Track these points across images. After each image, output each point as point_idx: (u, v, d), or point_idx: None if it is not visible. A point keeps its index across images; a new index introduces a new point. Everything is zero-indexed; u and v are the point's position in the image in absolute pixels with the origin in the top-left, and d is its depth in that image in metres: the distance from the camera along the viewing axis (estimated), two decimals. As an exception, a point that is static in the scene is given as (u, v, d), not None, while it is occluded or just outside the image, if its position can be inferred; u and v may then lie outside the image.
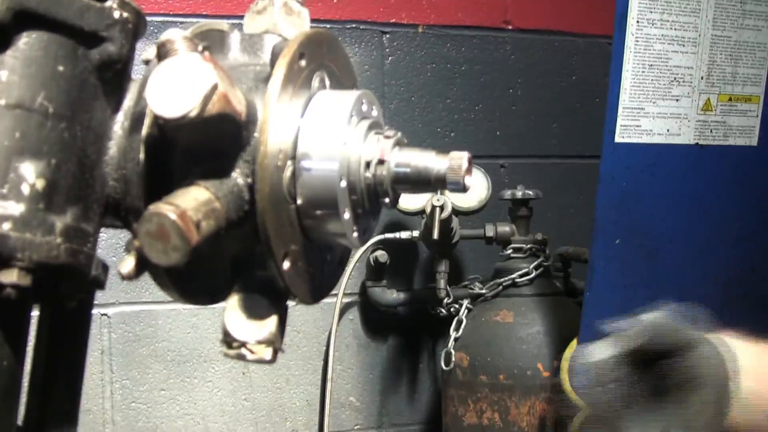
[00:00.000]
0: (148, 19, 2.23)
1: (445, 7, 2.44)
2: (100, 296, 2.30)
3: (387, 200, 0.59)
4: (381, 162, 0.58)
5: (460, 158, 0.59)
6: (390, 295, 2.27)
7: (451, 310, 2.18)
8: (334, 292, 2.23)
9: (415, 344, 2.44)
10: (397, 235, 2.22)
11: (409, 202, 2.14)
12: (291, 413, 2.33)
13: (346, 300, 2.33)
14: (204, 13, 2.20)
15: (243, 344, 0.56)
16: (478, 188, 2.26)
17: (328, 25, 2.29)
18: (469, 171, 0.59)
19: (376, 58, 2.37)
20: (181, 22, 2.16)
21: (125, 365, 2.19)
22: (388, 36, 2.38)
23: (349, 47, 2.33)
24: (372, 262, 2.22)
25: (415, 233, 2.21)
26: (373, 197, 0.59)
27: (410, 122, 2.40)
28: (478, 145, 2.45)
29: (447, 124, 2.45)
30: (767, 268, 1.96)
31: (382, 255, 2.20)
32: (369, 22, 2.36)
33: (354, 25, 2.34)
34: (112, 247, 2.04)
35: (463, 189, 0.59)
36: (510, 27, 2.52)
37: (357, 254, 2.22)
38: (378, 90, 2.37)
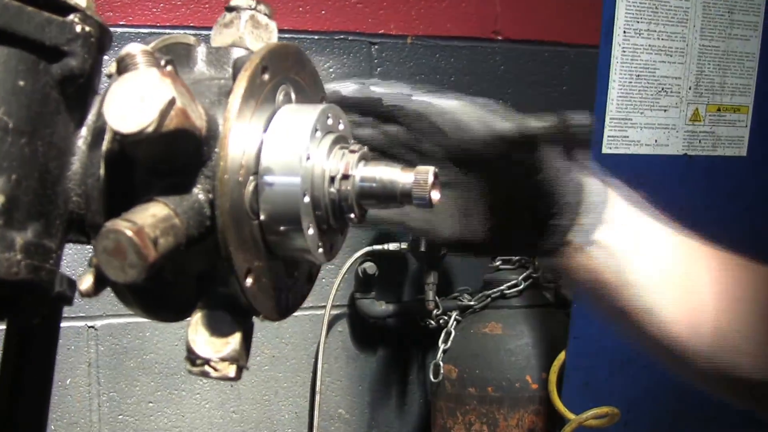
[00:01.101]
0: (135, 30, 2.21)
1: (434, 17, 2.44)
2: (87, 308, 2.26)
3: (353, 215, 0.58)
4: (345, 177, 0.57)
5: (425, 173, 0.58)
6: (379, 306, 2.26)
7: (440, 321, 2.18)
8: (322, 304, 2.25)
9: (404, 356, 2.43)
10: (385, 246, 2.22)
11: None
12: (280, 425, 2.32)
13: (335, 312, 2.32)
14: (192, 24, 2.19)
15: (206, 361, 0.56)
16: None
17: (316, 37, 2.29)
18: (435, 186, 0.58)
19: (364, 70, 2.37)
20: (169, 34, 2.15)
21: (112, 378, 2.17)
22: (376, 47, 2.38)
23: (338, 58, 2.33)
24: (360, 274, 2.22)
25: (404, 245, 2.20)
26: (338, 213, 0.58)
27: (399, 133, 2.40)
28: (468, 155, 2.44)
29: (436, 134, 2.44)
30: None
31: (370, 267, 2.20)
32: (357, 33, 2.35)
33: (342, 36, 2.34)
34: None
35: (429, 204, 0.58)
36: (499, 37, 2.52)
37: (345, 266, 2.22)
38: (367, 101, 2.36)
